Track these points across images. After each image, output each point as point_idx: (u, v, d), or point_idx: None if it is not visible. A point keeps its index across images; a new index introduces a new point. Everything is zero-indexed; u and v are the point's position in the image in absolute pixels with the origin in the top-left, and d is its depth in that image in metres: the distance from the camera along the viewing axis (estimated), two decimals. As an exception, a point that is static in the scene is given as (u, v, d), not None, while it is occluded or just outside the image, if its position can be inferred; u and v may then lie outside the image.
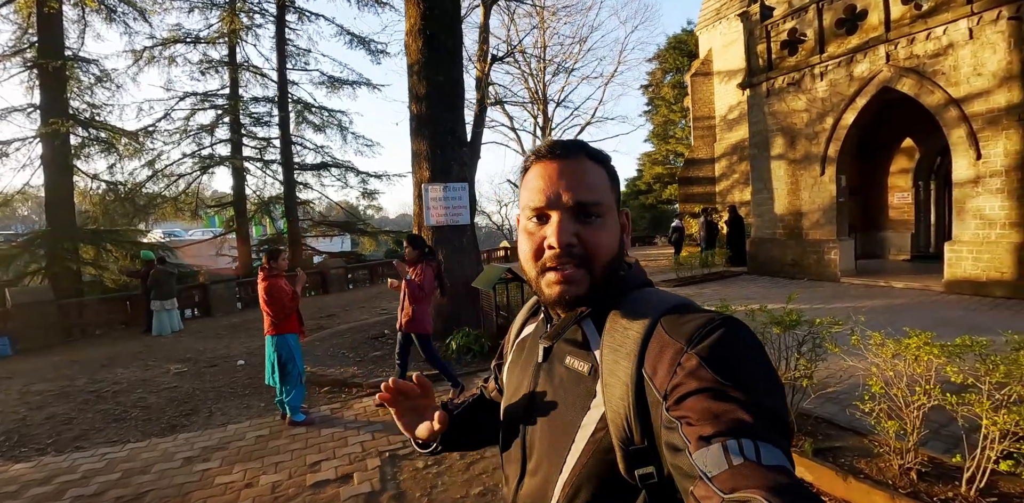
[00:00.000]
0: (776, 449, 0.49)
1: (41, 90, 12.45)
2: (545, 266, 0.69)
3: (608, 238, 0.70)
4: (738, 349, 0.59)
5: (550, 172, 0.70)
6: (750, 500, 0.44)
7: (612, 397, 0.63)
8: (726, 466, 0.48)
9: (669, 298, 0.69)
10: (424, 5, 5.78)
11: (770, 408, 0.54)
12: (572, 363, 0.71)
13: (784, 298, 7.31)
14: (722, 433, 0.50)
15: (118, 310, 9.99)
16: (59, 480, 3.37)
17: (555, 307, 0.73)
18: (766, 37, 10.11)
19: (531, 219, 0.71)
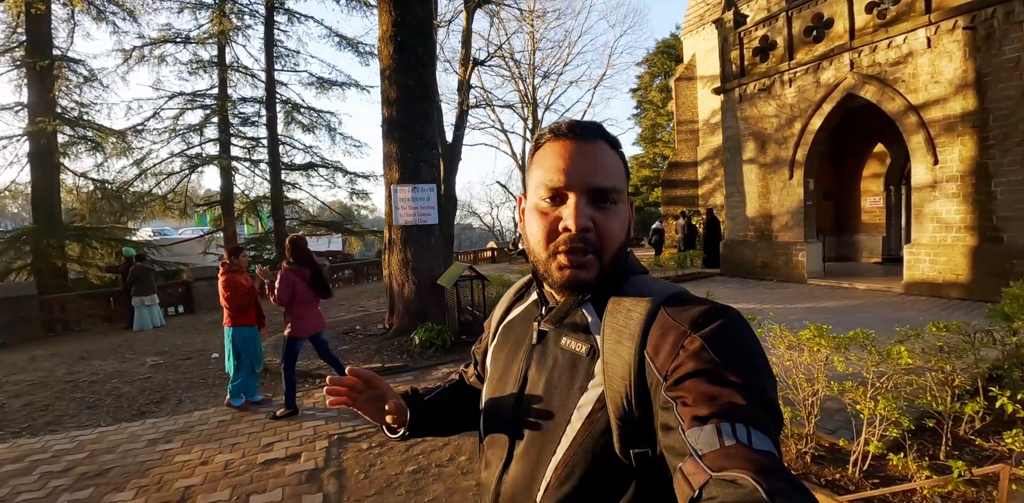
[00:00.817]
0: (766, 436, 0.51)
1: (29, 88, 12.59)
2: (558, 249, 0.69)
3: (620, 225, 0.71)
4: (739, 337, 0.61)
5: (570, 151, 0.69)
6: (737, 479, 0.46)
7: (613, 377, 0.63)
8: (717, 446, 0.49)
9: (669, 285, 0.72)
10: (396, 12, 6.02)
11: (765, 397, 0.56)
12: (569, 344, 0.71)
13: (751, 299, 7.56)
14: (717, 415, 0.52)
15: (100, 306, 10.16)
16: (30, 458, 3.59)
17: (562, 291, 0.73)
18: (739, 44, 10.42)
19: (545, 199, 0.70)
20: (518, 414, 0.74)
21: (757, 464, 0.47)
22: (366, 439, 3.48)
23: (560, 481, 0.66)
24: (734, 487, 0.45)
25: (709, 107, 17.96)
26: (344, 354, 5.80)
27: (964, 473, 2.02)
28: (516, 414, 0.75)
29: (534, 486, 0.69)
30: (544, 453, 0.68)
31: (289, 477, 3.02)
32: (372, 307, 9.60)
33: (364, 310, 9.34)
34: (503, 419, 0.77)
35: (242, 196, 16.51)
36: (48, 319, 9.39)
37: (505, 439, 0.76)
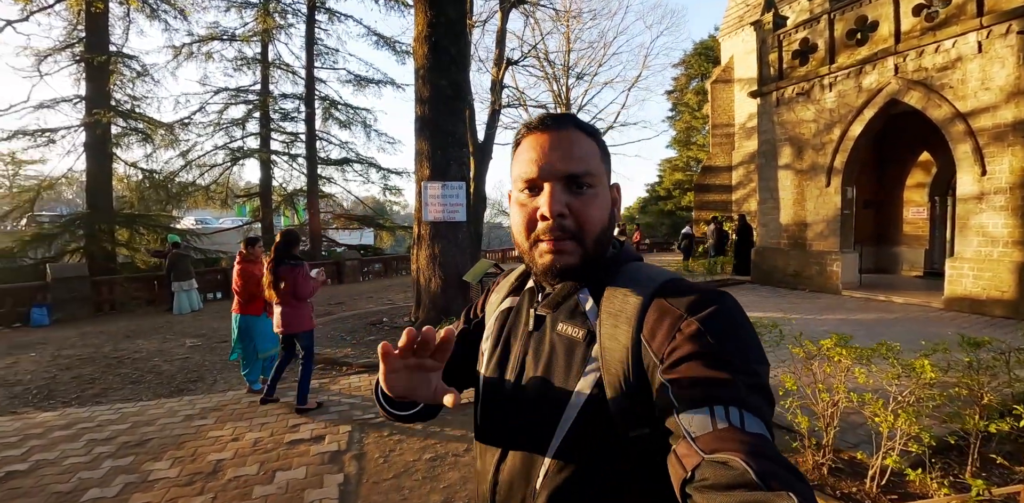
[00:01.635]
0: (759, 419, 0.52)
1: (87, 82, 13.32)
2: (538, 237, 0.70)
3: (599, 209, 0.71)
4: (735, 322, 0.62)
5: (541, 143, 0.71)
6: (729, 461, 0.46)
7: (610, 361, 0.64)
8: (710, 429, 0.50)
9: (665, 271, 0.72)
10: (431, 13, 6.15)
11: (758, 380, 0.57)
12: (566, 330, 0.71)
13: (780, 307, 7.37)
14: (711, 398, 0.53)
15: (145, 289, 10.73)
16: (78, 426, 3.87)
17: (547, 277, 0.73)
18: (778, 46, 10.19)
19: (523, 191, 0.72)
20: (515, 401, 0.73)
21: (749, 446, 0.48)
22: (387, 426, 3.62)
23: (559, 467, 0.65)
24: (725, 469, 0.46)
25: (746, 111, 17.60)
26: (371, 344, 5.99)
27: (983, 492, 1.99)
28: (513, 401, 0.74)
29: (532, 473, 0.68)
30: (542, 439, 0.67)
31: (313, 457, 3.17)
32: (400, 300, 9.83)
33: (392, 303, 9.56)
34: (500, 406, 0.76)
35: (280, 189, 17.09)
36: (97, 299, 9.97)
37: (502, 426, 0.75)
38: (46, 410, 4.37)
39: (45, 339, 7.48)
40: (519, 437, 0.71)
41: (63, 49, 13.86)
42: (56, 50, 13.83)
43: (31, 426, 3.95)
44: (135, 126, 14.47)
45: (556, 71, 22.33)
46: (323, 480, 2.87)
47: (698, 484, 0.48)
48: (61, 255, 12.17)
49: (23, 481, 3.05)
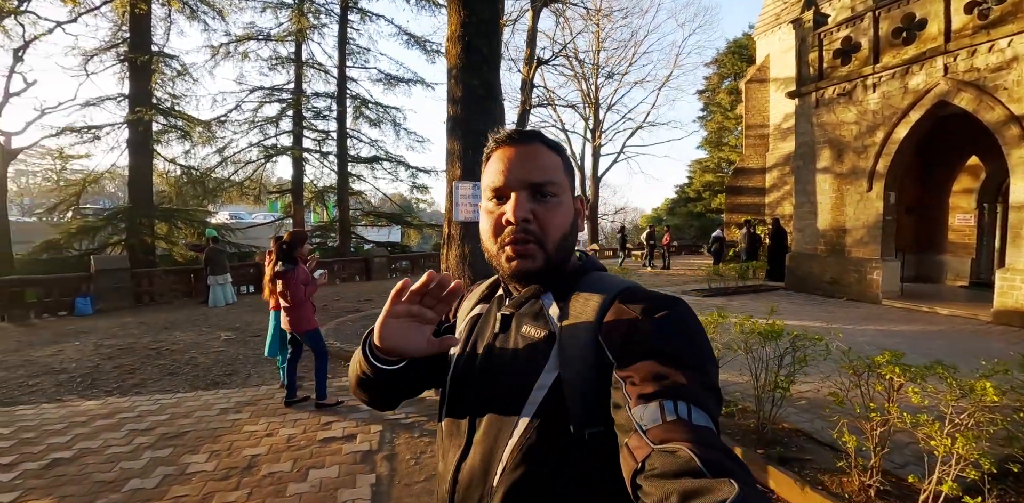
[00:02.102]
0: (705, 413, 0.55)
1: (130, 81, 13.80)
2: (504, 242, 0.74)
3: (561, 217, 0.75)
4: (686, 324, 0.67)
5: (509, 156, 0.76)
6: (677, 450, 0.49)
7: (570, 360, 0.67)
8: (660, 421, 0.53)
9: (624, 280, 0.77)
10: (464, 13, 6.14)
11: (707, 378, 0.60)
12: (528, 331, 0.75)
13: (816, 316, 7.10)
14: (661, 393, 0.56)
15: (182, 281, 11.07)
16: (119, 416, 4.00)
17: (512, 280, 0.78)
18: (818, 45, 9.85)
19: (491, 199, 0.77)
20: (478, 399, 0.76)
21: (695, 437, 0.51)
22: (417, 427, 3.63)
23: (516, 464, 0.67)
24: (673, 458, 0.49)
25: (782, 111, 17.12)
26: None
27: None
28: (476, 400, 0.76)
29: (491, 470, 0.70)
30: (501, 437, 0.70)
31: (345, 456, 3.20)
32: (424, 299, 9.88)
33: (417, 301, 9.63)
34: (464, 405, 0.79)
35: (311, 185, 17.40)
36: (137, 290, 10.34)
37: (464, 426, 0.77)
38: (89, 398, 4.54)
39: (88, 328, 7.79)
40: (481, 433, 0.74)
41: (108, 49, 14.41)
42: (102, 50, 14.39)
43: (75, 414, 4.11)
44: (175, 123, 14.95)
45: (586, 70, 22.14)
46: (356, 480, 2.88)
47: (647, 473, 0.50)
48: (104, 247, 12.67)
49: (67, 468, 3.16)
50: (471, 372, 0.80)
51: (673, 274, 14.57)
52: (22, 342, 6.98)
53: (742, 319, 3.52)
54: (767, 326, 3.30)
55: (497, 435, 0.71)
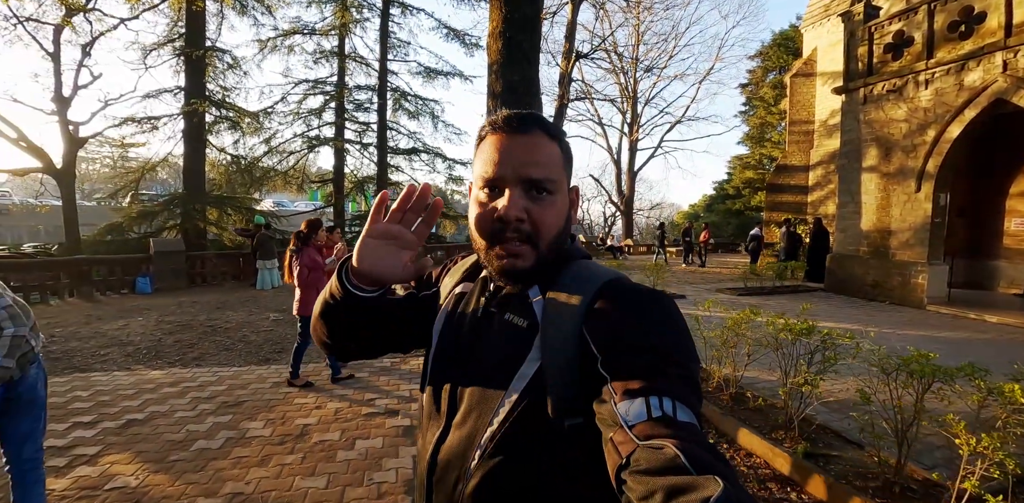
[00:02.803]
0: (689, 409, 0.55)
1: (186, 74, 14.53)
2: (495, 239, 0.71)
3: (556, 216, 0.73)
4: (671, 320, 0.66)
5: (505, 144, 0.71)
6: (663, 447, 0.49)
7: (552, 351, 0.66)
8: (645, 417, 0.54)
9: (610, 270, 0.75)
10: (506, 9, 6.26)
11: (690, 374, 0.61)
12: (512, 319, 0.73)
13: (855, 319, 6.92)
14: (646, 389, 0.56)
15: (231, 265, 11.71)
16: (183, 385, 4.39)
17: (501, 279, 0.75)
18: (868, 39, 9.50)
19: (483, 189, 0.73)
20: (460, 383, 0.75)
21: (680, 434, 0.51)
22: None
23: (494, 449, 0.67)
24: (659, 454, 0.49)
25: (828, 107, 16.53)
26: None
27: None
28: (458, 383, 0.76)
29: (469, 454, 0.69)
30: (481, 422, 0.69)
31: (388, 429, 3.45)
32: (458, 289, 10.16)
33: (451, 291, 9.92)
34: (446, 387, 0.78)
35: (351, 175, 17.93)
36: (191, 272, 11.02)
37: (445, 408, 0.77)
38: (154, 369, 4.97)
39: (148, 306, 8.39)
40: (460, 418, 0.73)
41: (166, 44, 15.18)
42: (160, 45, 15.17)
43: (144, 381, 4.52)
44: (226, 115, 15.66)
45: (624, 64, 21.86)
46: (398, 451, 3.12)
47: (632, 469, 0.50)
48: (160, 231, 13.49)
49: (141, 428, 3.52)
50: (453, 352, 0.79)
51: (708, 272, 14.39)
52: (91, 316, 7.60)
53: (773, 317, 3.56)
54: (799, 323, 3.34)
55: (476, 420, 0.70)
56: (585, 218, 33.84)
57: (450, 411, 0.76)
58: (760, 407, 3.73)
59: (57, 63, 13.93)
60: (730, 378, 3.97)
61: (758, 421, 3.53)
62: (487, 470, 0.67)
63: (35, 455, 2.08)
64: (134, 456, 3.10)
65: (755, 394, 3.93)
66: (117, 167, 18.39)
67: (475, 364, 0.74)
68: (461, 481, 0.70)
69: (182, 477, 2.82)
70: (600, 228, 32.55)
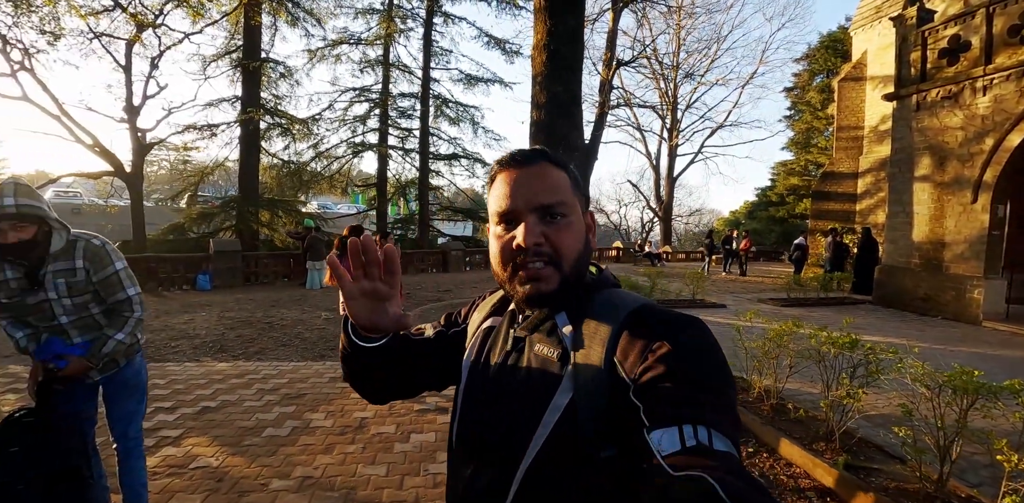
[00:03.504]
0: (726, 438, 0.53)
1: (242, 84, 15.40)
2: (516, 267, 0.72)
3: (573, 237, 0.74)
4: (703, 345, 0.64)
5: (515, 178, 0.74)
6: (699, 478, 0.47)
7: (584, 381, 0.66)
8: (679, 447, 0.51)
9: (639, 297, 0.75)
10: (550, 22, 6.46)
11: (726, 401, 0.59)
12: (542, 350, 0.73)
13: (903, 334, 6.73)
14: (680, 418, 0.54)
15: (282, 264, 12.36)
16: (248, 377, 4.77)
17: (528, 305, 0.75)
18: (922, 44, 9.21)
19: (499, 224, 0.75)
20: (491, 418, 0.75)
21: (716, 464, 0.49)
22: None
23: (531, 483, 0.67)
24: (694, 485, 0.47)
25: (879, 112, 15.96)
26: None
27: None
28: (489, 418, 0.75)
29: (503, 491, 0.68)
30: (513, 459, 0.68)
31: (440, 425, 3.67)
32: (496, 292, 10.40)
33: (489, 294, 10.17)
34: (476, 422, 0.77)
35: (393, 180, 18.52)
36: (246, 271, 11.70)
37: (476, 446, 0.76)
38: (221, 361, 5.38)
39: (209, 302, 8.99)
40: (493, 453, 0.73)
41: (224, 55, 16.14)
42: (218, 56, 16.13)
43: (212, 373, 4.92)
44: (278, 122, 16.50)
45: (664, 69, 21.70)
46: (449, 445, 3.34)
47: (667, 501, 0.49)
48: (217, 231, 14.35)
49: (215, 415, 3.86)
50: (483, 389, 0.79)
51: (749, 281, 14.14)
52: (159, 310, 8.21)
53: (816, 330, 3.60)
54: (843, 337, 3.38)
55: (509, 457, 0.69)
56: (622, 224, 33.62)
57: (482, 448, 0.75)
58: (801, 418, 3.76)
59: (128, 75, 15.03)
60: (771, 389, 4.02)
61: (799, 432, 3.57)
62: (524, 501, 0.67)
63: (137, 434, 2.35)
64: (212, 439, 3.42)
65: (796, 405, 3.96)
66: (175, 170, 19.54)
67: (506, 399, 0.74)
68: None
69: (256, 460, 3.12)
70: (637, 234, 32.28)
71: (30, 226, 1.85)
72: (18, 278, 1.91)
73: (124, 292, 2.06)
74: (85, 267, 1.98)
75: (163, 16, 14.53)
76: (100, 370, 2.11)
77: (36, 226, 1.87)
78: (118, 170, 14.44)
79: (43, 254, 1.90)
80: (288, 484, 2.83)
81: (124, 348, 2.06)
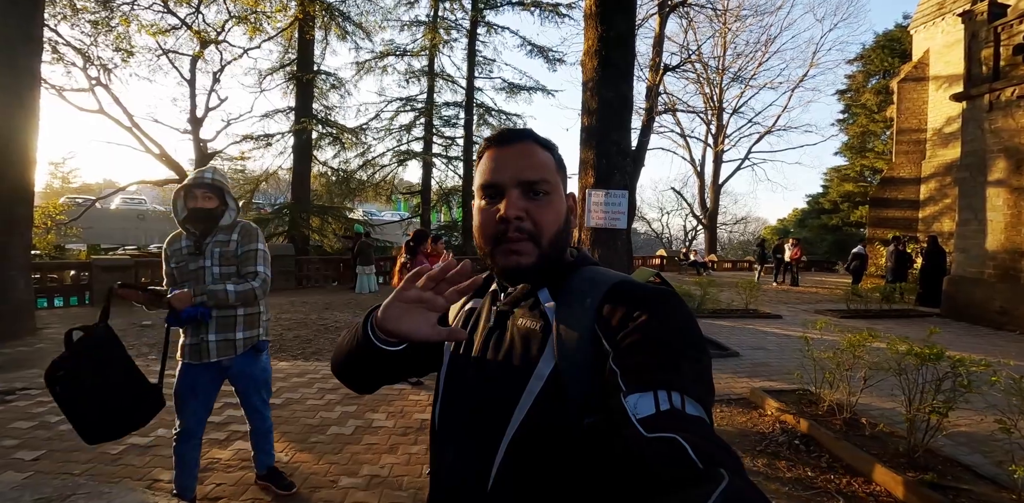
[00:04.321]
0: (698, 403, 0.56)
1: (296, 96, 16.10)
2: (498, 240, 0.75)
3: (553, 214, 0.76)
4: (681, 316, 0.67)
5: (501, 155, 0.77)
6: (671, 440, 0.50)
7: (567, 351, 0.67)
8: (653, 411, 0.54)
9: (619, 274, 0.78)
10: (601, 28, 6.45)
11: (699, 369, 0.61)
12: (524, 324, 0.75)
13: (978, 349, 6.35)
14: (656, 382, 0.57)
15: (332, 269, 12.77)
16: (308, 376, 4.93)
17: (506, 277, 0.79)
18: (994, 40, 8.67)
19: (483, 198, 0.77)
20: (475, 394, 0.76)
21: (688, 427, 0.52)
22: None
23: (514, 454, 0.68)
24: (666, 447, 0.49)
25: (943, 114, 15.10)
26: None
27: None
28: (473, 394, 0.77)
29: (488, 461, 0.70)
30: (497, 431, 0.70)
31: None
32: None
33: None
34: (460, 400, 0.79)
35: (437, 187, 18.87)
36: (298, 275, 12.14)
37: (461, 421, 0.78)
38: (281, 360, 5.58)
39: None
40: (477, 428, 0.74)
41: (279, 69, 16.93)
42: (273, 70, 16.94)
43: (275, 371, 5.09)
44: (329, 131, 17.14)
45: (710, 73, 21.28)
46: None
47: (640, 461, 0.50)
48: (271, 237, 14.98)
49: (281, 412, 3.99)
50: (466, 368, 0.80)
51: (803, 291, 13.58)
52: (220, 312, 8.60)
53: (896, 341, 3.42)
54: (925, 348, 3.19)
55: (494, 430, 0.70)
56: (664, 232, 32.99)
57: (467, 424, 0.77)
58: (878, 434, 3.56)
59: (192, 88, 15.99)
60: (843, 403, 3.83)
61: (875, 448, 3.37)
62: (508, 471, 0.69)
63: (268, 412, 2.72)
64: (280, 435, 3.54)
65: (871, 421, 3.75)
66: (230, 178, 20.51)
67: (490, 374, 0.75)
68: (482, 486, 0.70)
69: (323, 457, 3.21)
70: (680, 242, 31.58)
71: (215, 198, 2.31)
72: (189, 245, 2.31)
73: (255, 267, 2.39)
74: (237, 240, 2.37)
75: (224, 33, 15.44)
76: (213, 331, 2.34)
77: (219, 201, 2.32)
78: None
79: (213, 225, 2.32)
80: (357, 482, 2.89)
81: (226, 298, 2.27)
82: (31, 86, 6.79)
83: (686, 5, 12.94)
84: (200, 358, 2.32)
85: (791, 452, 3.48)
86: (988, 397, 2.93)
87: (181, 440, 2.42)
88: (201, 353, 2.32)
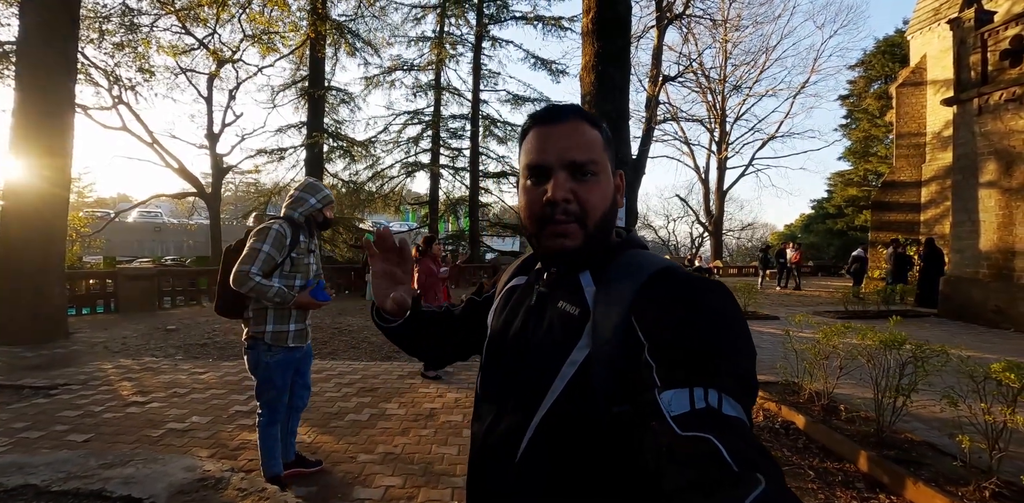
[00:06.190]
0: (737, 403, 0.53)
1: (308, 111, 16.71)
2: (544, 222, 0.73)
3: (601, 196, 0.74)
4: (725, 309, 0.63)
5: (547, 134, 0.74)
6: (705, 440, 0.48)
7: (602, 338, 0.66)
8: (688, 408, 0.51)
9: (663, 259, 0.75)
10: (598, 45, 6.84)
11: (741, 366, 0.58)
12: (564, 306, 0.74)
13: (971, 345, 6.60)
14: (692, 379, 0.54)
15: (343, 277, 13.20)
16: (325, 373, 5.29)
17: (552, 259, 0.78)
18: (981, 46, 8.98)
19: (529, 178, 0.75)
20: (512, 369, 0.77)
21: (724, 428, 0.49)
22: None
23: (544, 433, 0.69)
24: (700, 447, 0.47)
25: (942, 118, 15.31)
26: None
27: None
28: (511, 369, 0.78)
29: (520, 436, 0.71)
30: (530, 407, 0.71)
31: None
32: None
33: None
34: (498, 373, 0.81)
35: (444, 198, 19.32)
36: (311, 283, 12.56)
37: (498, 394, 0.79)
38: (300, 360, 5.95)
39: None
40: (512, 403, 0.75)
41: (291, 85, 17.58)
42: (286, 86, 17.60)
43: (295, 370, 5.47)
44: (339, 145, 17.72)
45: (711, 83, 21.65)
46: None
47: (671, 459, 0.49)
48: (284, 247, 15.47)
49: (301, 404, 4.35)
50: (505, 343, 0.81)
51: (805, 294, 13.78)
52: (239, 318, 9.03)
53: (865, 328, 3.72)
54: (889, 335, 3.49)
55: (527, 404, 0.71)
56: (670, 239, 33.20)
57: (503, 396, 0.78)
58: (852, 418, 3.84)
59: (209, 105, 16.68)
60: (821, 392, 4.11)
61: (849, 430, 3.66)
62: (536, 452, 0.70)
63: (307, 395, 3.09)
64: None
65: (848, 407, 4.03)
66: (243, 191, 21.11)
67: (527, 353, 0.76)
68: (511, 462, 0.72)
69: (343, 439, 3.56)
70: (687, 249, 31.75)
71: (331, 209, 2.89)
72: (306, 242, 2.77)
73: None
74: (317, 242, 2.94)
75: (240, 52, 16.16)
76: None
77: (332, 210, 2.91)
78: (200, 191, 15.91)
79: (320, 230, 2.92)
80: (373, 457, 3.24)
81: None
82: (69, 109, 7.33)
83: (684, 17, 13.38)
84: (303, 341, 2.77)
85: (771, 436, 3.78)
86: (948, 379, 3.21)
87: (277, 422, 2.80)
88: (305, 337, 2.79)
